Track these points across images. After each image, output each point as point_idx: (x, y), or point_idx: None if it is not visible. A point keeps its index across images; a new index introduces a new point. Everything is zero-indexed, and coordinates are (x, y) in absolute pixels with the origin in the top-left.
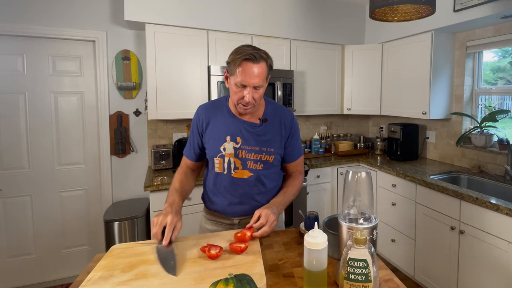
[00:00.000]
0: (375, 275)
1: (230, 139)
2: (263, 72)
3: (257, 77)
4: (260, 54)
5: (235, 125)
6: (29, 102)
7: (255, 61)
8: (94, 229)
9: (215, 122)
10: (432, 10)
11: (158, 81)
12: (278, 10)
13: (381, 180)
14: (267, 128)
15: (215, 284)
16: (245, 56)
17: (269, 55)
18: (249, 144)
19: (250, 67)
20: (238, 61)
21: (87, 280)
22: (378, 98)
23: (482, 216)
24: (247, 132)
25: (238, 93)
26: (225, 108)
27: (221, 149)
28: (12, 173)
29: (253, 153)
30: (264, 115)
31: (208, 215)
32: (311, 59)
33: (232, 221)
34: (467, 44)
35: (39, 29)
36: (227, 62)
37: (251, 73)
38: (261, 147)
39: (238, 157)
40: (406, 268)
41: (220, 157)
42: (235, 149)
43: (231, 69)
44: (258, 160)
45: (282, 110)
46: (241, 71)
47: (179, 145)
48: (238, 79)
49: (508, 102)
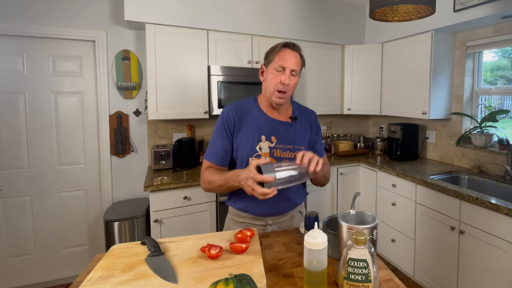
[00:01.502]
0: (375, 275)
1: (265, 138)
2: (298, 61)
3: (295, 62)
4: (297, 46)
5: (268, 124)
6: (29, 102)
7: (293, 49)
8: (94, 229)
9: (247, 122)
10: (432, 10)
11: (158, 81)
12: (278, 10)
13: (381, 180)
14: (297, 126)
15: (215, 284)
16: (284, 43)
17: (302, 52)
18: (284, 143)
19: (288, 52)
20: (277, 48)
21: (87, 280)
22: (378, 98)
23: (482, 216)
24: (281, 131)
25: (276, 78)
26: (256, 108)
27: (257, 148)
28: (12, 173)
29: (287, 151)
30: (294, 114)
31: (238, 217)
32: (311, 59)
33: (266, 221)
34: (467, 44)
35: (39, 29)
36: (265, 56)
37: (290, 57)
38: (294, 145)
39: (273, 156)
40: (406, 268)
41: (256, 156)
42: (270, 148)
43: (270, 58)
44: (293, 158)
45: (306, 109)
46: (280, 55)
47: (179, 145)
48: (277, 63)
49: (508, 102)
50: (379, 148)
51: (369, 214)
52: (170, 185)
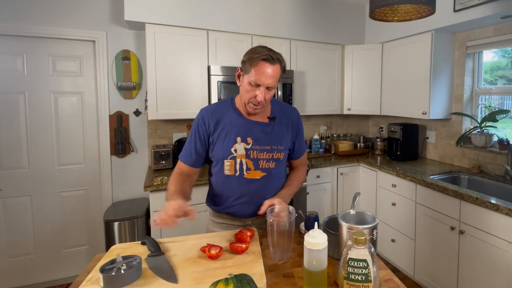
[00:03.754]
0: (375, 275)
1: (241, 140)
2: (277, 74)
3: (272, 77)
4: (277, 56)
5: (245, 126)
6: (29, 102)
7: (272, 62)
8: (94, 229)
9: (223, 124)
10: (432, 10)
11: (158, 81)
12: (278, 10)
13: (381, 180)
14: (275, 125)
15: (215, 284)
16: (263, 56)
17: (283, 58)
18: (260, 144)
19: (266, 67)
20: (255, 61)
21: (87, 280)
22: (378, 98)
23: (482, 216)
24: (257, 132)
25: (250, 92)
26: (232, 109)
27: (232, 150)
28: (12, 173)
29: (265, 152)
30: (272, 114)
31: (217, 218)
32: (311, 59)
33: (245, 222)
34: (467, 44)
35: (39, 29)
36: (242, 61)
37: (267, 73)
38: (272, 146)
39: (249, 157)
40: (406, 268)
41: (231, 158)
42: (246, 150)
43: (246, 68)
44: (270, 158)
45: (287, 108)
46: (257, 70)
47: (179, 145)
48: (252, 78)
49: (508, 102)
50: (379, 148)
51: (369, 214)
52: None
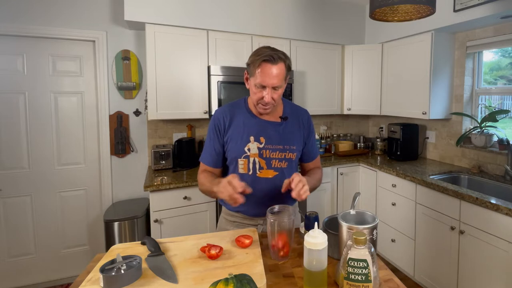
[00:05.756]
0: (375, 275)
1: (254, 139)
2: (281, 72)
3: (276, 77)
4: (279, 55)
5: (258, 125)
6: (29, 102)
7: (274, 62)
8: (94, 229)
9: (237, 123)
10: (432, 10)
11: (158, 81)
12: (278, 10)
13: (381, 180)
14: (287, 125)
15: (215, 284)
16: (264, 57)
17: (287, 56)
18: (273, 143)
19: (269, 68)
20: (257, 63)
21: (87, 280)
22: (378, 98)
23: (482, 216)
24: (270, 132)
25: (257, 94)
26: (245, 109)
27: (246, 149)
28: (12, 173)
29: (277, 152)
30: (284, 114)
31: (230, 217)
32: (311, 59)
33: (256, 221)
34: (467, 44)
35: (39, 29)
36: (247, 64)
37: (270, 74)
38: (284, 145)
39: (262, 157)
40: (406, 268)
41: (244, 157)
42: (259, 149)
43: (251, 71)
44: (283, 158)
45: (299, 108)
46: (260, 72)
47: (179, 145)
48: (257, 80)
49: (508, 102)
50: (379, 148)
51: (369, 214)
52: (170, 185)
